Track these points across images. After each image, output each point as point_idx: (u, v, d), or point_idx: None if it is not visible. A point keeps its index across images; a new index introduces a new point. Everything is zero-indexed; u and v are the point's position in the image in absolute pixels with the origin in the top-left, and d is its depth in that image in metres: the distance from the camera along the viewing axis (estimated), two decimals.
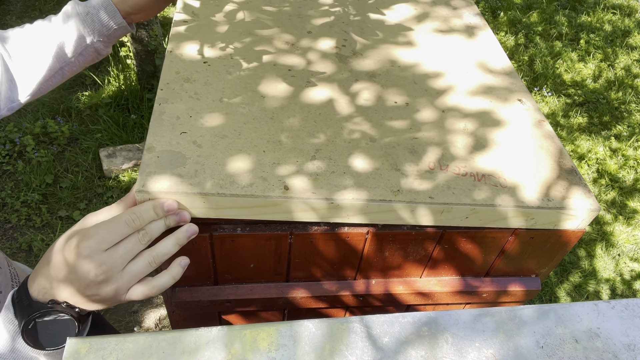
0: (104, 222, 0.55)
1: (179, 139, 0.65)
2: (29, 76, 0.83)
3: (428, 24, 0.97)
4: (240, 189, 0.60)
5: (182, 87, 0.73)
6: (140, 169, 0.60)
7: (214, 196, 0.59)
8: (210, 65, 0.78)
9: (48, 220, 2.37)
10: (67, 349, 0.50)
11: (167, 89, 0.72)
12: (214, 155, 0.64)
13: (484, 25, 0.99)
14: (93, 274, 0.53)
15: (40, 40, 0.82)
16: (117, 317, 2.09)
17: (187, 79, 0.74)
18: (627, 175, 2.91)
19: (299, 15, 0.93)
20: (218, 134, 0.67)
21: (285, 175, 0.63)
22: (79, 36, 0.83)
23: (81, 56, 0.86)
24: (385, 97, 0.78)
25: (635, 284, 2.40)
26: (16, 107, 0.85)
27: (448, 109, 0.78)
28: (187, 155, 0.63)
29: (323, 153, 0.67)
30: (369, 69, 0.83)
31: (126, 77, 2.99)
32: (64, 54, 0.84)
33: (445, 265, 0.77)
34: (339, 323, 0.54)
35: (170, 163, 0.62)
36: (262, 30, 0.87)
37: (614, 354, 0.55)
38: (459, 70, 0.86)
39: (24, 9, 3.70)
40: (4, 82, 0.81)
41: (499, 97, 0.83)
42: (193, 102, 0.71)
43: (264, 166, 0.64)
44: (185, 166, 0.62)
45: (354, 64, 0.84)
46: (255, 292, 0.75)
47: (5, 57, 0.81)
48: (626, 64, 3.69)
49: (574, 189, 0.70)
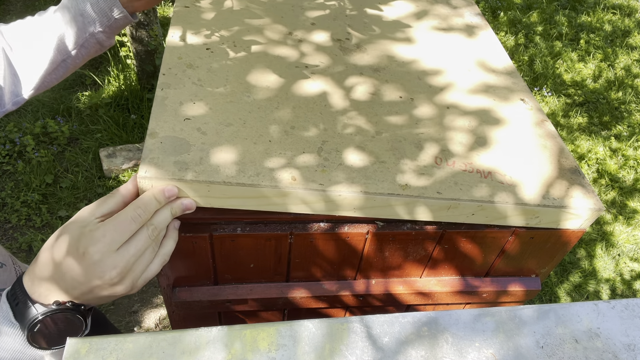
0: (110, 223, 0.53)
1: (183, 125, 0.64)
2: (32, 69, 0.83)
3: (428, 21, 0.97)
4: (247, 178, 0.59)
5: (184, 73, 0.72)
6: (142, 155, 0.59)
7: (220, 185, 0.58)
8: (213, 52, 0.77)
9: (48, 220, 2.37)
10: (67, 349, 0.50)
11: (169, 74, 0.71)
12: (219, 143, 0.63)
13: (484, 25, 0.99)
14: (108, 277, 0.52)
15: (41, 31, 0.82)
16: (117, 317, 2.09)
17: (190, 65, 0.73)
18: (627, 175, 2.91)
19: (301, 6, 0.92)
20: (223, 122, 0.66)
21: (292, 166, 0.62)
22: (79, 27, 0.82)
23: (83, 48, 0.85)
24: (389, 92, 0.78)
25: (635, 284, 2.40)
26: (21, 102, 0.85)
27: (451, 105, 0.78)
28: (191, 142, 0.62)
29: (329, 145, 0.67)
30: (372, 63, 0.83)
31: (126, 77, 2.99)
32: (65, 45, 0.83)
33: (445, 265, 0.77)
34: (339, 323, 0.54)
35: (174, 149, 0.60)
36: (263, 20, 0.86)
37: (614, 354, 0.55)
38: (461, 69, 0.86)
39: (24, 9, 3.70)
40: (7, 76, 0.80)
41: (501, 96, 0.83)
42: (196, 88, 0.70)
43: (270, 156, 0.63)
44: (189, 153, 0.60)
45: (357, 58, 0.83)
46: (255, 292, 0.75)
47: (7, 50, 0.80)
48: (626, 64, 3.69)
49: (578, 188, 0.70)
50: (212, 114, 0.67)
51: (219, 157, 0.61)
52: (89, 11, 0.82)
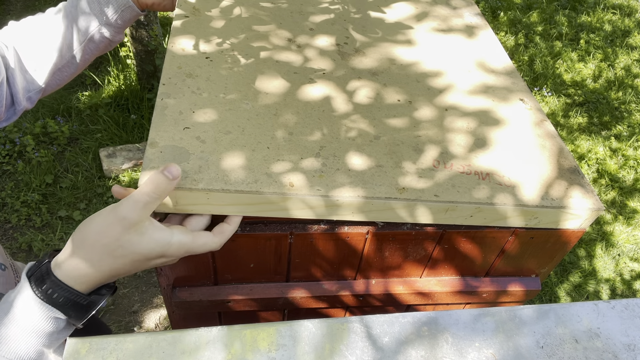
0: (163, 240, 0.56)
1: (182, 135, 0.65)
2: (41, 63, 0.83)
3: (428, 23, 0.97)
4: (245, 185, 0.60)
5: (184, 82, 0.72)
6: (143, 165, 0.60)
7: (218, 192, 0.59)
8: (212, 61, 0.77)
9: (48, 220, 2.37)
10: (67, 349, 0.50)
11: (169, 84, 0.72)
12: (218, 151, 0.63)
13: (484, 25, 0.99)
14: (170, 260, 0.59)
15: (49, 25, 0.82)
16: (117, 317, 2.09)
17: (189, 74, 0.74)
18: (627, 175, 2.91)
19: (300, 12, 0.93)
20: (222, 130, 0.66)
21: (290, 172, 0.63)
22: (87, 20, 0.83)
23: (92, 42, 0.86)
24: (388, 95, 0.78)
25: (635, 284, 2.40)
26: (34, 98, 0.85)
27: (450, 107, 0.78)
28: (190, 151, 0.62)
29: (327, 150, 0.67)
30: (371, 66, 0.83)
31: (126, 77, 2.99)
32: (73, 39, 0.84)
33: (445, 265, 0.77)
34: (339, 323, 0.54)
35: (174, 158, 0.61)
36: (262, 27, 0.87)
37: (614, 354, 0.55)
38: (460, 70, 0.86)
39: (23, 9, 3.70)
40: (17, 73, 0.80)
41: (500, 97, 0.83)
42: (195, 97, 0.70)
43: (269, 163, 0.63)
44: (189, 162, 0.61)
45: (356, 62, 0.84)
46: (255, 292, 0.75)
47: (17, 47, 0.81)
48: (626, 64, 3.70)
49: (577, 188, 0.70)
50: (211, 122, 0.67)
51: (217, 165, 0.61)
52: (96, 5, 0.82)
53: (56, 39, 0.82)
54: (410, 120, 0.75)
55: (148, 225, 0.55)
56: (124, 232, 0.53)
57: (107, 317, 2.08)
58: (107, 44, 0.88)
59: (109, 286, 0.59)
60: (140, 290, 2.19)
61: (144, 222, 0.54)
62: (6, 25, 0.83)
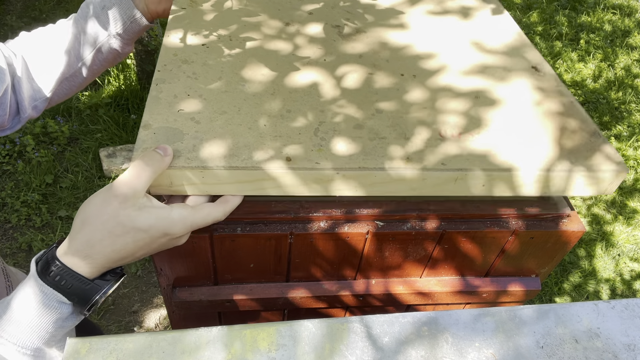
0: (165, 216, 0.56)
1: (176, 116, 0.63)
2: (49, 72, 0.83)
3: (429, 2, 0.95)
4: (241, 161, 0.58)
5: (179, 68, 0.71)
6: (135, 146, 0.59)
7: (213, 170, 0.58)
8: (208, 48, 0.76)
9: (48, 220, 2.37)
10: (67, 349, 0.50)
11: (164, 70, 0.71)
12: (213, 130, 0.62)
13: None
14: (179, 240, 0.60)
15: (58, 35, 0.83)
16: (117, 317, 2.09)
17: (185, 61, 0.73)
18: (627, 175, 2.91)
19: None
20: (217, 110, 0.65)
21: (287, 147, 0.61)
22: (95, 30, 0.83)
23: (100, 53, 0.86)
24: (393, 70, 0.76)
25: (635, 284, 2.40)
26: (40, 107, 0.85)
27: (459, 77, 0.76)
28: (184, 131, 0.61)
29: (327, 125, 0.65)
30: (372, 46, 0.82)
31: (126, 77, 2.99)
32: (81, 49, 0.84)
33: (445, 265, 0.77)
34: (339, 323, 0.54)
35: (167, 139, 0.60)
36: (256, 17, 0.86)
37: (614, 354, 0.55)
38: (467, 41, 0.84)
39: (23, 9, 3.70)
40: (24, 81, 0.81)
41: (512, 66, 0.80)
42: (191, 81, 0.69)
43: (266, 139, 0.62)
44: (182, 141, 0.60)
45: (355, 43, 0.82)
46: (255, 292, 0.75)
47: (25, 55, 0.81)
48: (626, 64, 3.70)
49: (598, 151, 0.66)
50: (207, 104, 0.66)
51: (212, 143, 0.60)
52: (105, 15, 0.82)
53: (64, 49, 0.82)
54: (417, 93, 0.72)
55: (145, 201, 0.55)
56: (120, 207, 0.53)
57: (107, 317, 2.08)
58: (116, 55, 0.88)
59: (114, 272, 0.59)
60: (140, 290, 2.19)
61: (140, 197, 0.54)
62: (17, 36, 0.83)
